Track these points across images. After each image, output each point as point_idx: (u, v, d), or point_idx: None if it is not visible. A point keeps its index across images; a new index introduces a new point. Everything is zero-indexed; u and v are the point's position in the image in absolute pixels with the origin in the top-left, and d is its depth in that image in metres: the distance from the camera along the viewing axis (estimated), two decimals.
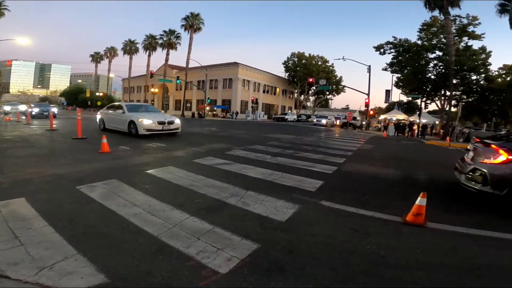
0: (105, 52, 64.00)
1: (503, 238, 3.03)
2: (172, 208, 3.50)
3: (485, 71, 29.55)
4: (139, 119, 10.40)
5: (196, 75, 47.43)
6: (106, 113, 12.59)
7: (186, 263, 2.30)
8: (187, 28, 42.40)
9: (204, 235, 2.80)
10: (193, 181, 4.79)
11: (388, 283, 2.11)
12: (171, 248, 2.54)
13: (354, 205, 3.94)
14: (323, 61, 52.15)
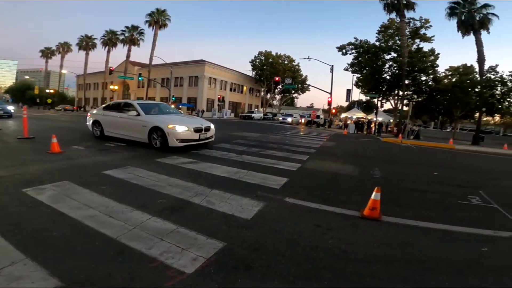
0: (58, 48, 59.13)
1: (448, 230, 3.38)
2: (132, 209, 3.39)
3: (433, 72, 32.44)
4: (169, 125, 7.49)
5: (160, 72, 46.16)
6: (105, 115, 9.30)
7: (149, 264, 2.26)
8: (151, 24, 41.21)
9: (168, 236, 2.76)
10: (155, 181, 4.66)
11: (349, 277, 2.25)
12: (132, 250, 2.47)
13: (316, 201, 4.14)
14: (289, 60, 53.45)
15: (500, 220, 3.88)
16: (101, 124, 9.34)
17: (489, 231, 3.39)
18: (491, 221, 3.82)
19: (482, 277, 2.33)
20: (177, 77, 45.77)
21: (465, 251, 2.83)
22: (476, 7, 25.14)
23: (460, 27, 26.00)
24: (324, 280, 2.18)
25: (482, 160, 12.12)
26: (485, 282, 2.24)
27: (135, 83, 48.82)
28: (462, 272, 2.39)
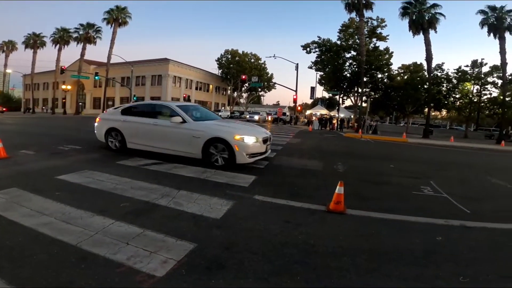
0: (1, 46, 53.21)
1: (406, 221, 3.66)
2: (93, 214, 3.22)
3: (388, 70, 34.88)
4: (235, 136, 5.94)
5: (120, 71, 44.22)
6: (127, 121, 7.13)
7: (116, 270, 2.19)
8: (110, 21, 39.13)
9: (134, 240, 2.67)
10: (116, 184, 4.44)
11: (320, 271, 2.34)
12: (96, 256, 2.37)
13: (284, 197, 4.26)
14: (255, 59, 53.94)
15: (450, 209, 4.27)
16: (121, 133, 7.17)
17: (441, 220, 3.71)
18: (442, 210, 4.21)
19: (439, 266, 2.52)
20: (138, 76, 44.26)
21: (422, 240, 3.07)
22: (426, 6, 27.37)
23: (411, 27, 28.15)
24: (297, 275, 2.26)
25: (431, 152, 13.32)
26: (442, 271, 2.42)
27: (91, 83, 46.27)
28: (421, 262, 2.58)
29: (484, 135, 35.50)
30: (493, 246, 3.01)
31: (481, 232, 3.40)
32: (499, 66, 28.80)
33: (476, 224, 3.62)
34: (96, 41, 42.26)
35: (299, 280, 2.19)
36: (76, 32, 42.50)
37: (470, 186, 6.19)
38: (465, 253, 2.79)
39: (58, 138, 10.00)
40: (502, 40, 26.41)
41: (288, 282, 2.16)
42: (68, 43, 44.07)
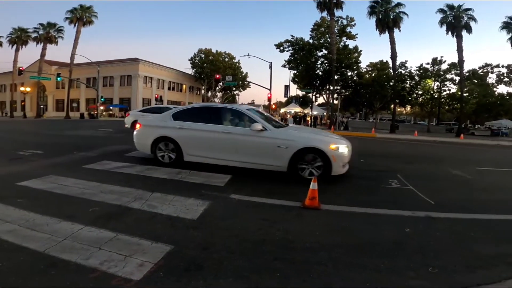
0: None
1: (376, 214, 3.84)
2: (59, 220, 3.07)
3: (357, 68, 36.32)
4: (331, 145, 5.34)
5: (86, 71, 42.44)
6: (184, 128, 5.98)
7: (89, 275, 2.13)
8: (73, 21, 37.22)
9: (107, 244, 2.59)
10: (84, 189, 4.25)
11: (299, 266, 2.40)
12: (66, 262, 2.29)
13: (261, 195, 4.31)
14: (230, 58, 53.83)
15: (416, 201, 4.53)
16: (176, 143, 5.99)
17: (408, 212, 3.93)
18: (409, 202, 4.46)
19: (409, 257, 2.66)
20: (106, 77, 42.90)
21: (392, 232, 3.23)
22: (391, 6, 28.84)
23: (378, 25, 29.53)
24: (277, 271, 2.30)
25: (397, 146, 14.11)
26: (413, 262, 2.55)
27: (52, 84, 43.68)
28: (393, 253, 2.71)
29: (445, 129, 38.26)
30: (456, 236, 3.21)
31: (445, 223, 3.62)
32: (457, 64, 31.03)
33: (440, 215, 3.86)
34: (58, 41, 40.25)
35: (279, 276, 2.24)
36: (35, 32, 40.07)
37: (433, 178, 6.63)
38: (432, 244, 2.96)
39: (18, 143, 9.34)
40: (459, 38, 28.47)
41: (269, 279, 2.20)
42: (26, 43, 41.46)
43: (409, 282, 2.22)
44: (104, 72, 40.88)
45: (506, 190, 5.80)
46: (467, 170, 7.58)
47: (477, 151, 14.02)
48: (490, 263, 2.55)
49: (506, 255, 2.73)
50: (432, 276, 2.31)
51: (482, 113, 38.14)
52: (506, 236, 3.28)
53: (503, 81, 35.50)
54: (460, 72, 30.93)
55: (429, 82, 35.51)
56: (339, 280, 2.22)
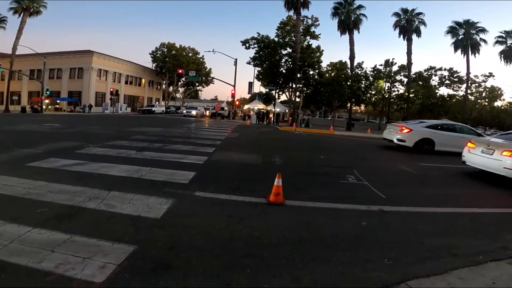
0: None
1: (336, 208, 4.06)
2: (3, 223, 2.79)
3: (319, 67, 37.73)
4: None
5: (30, 63, 38.89)
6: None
7: (44, 279, 2.00)
8: (18, 11, 33.47)
9: (60, 246, 2.42)
10: (30, 188, 3.87)
11: (268, 262, 2.46)
12: (16, 265, 2.12)
13: (226, 192, 4.33)
14: (194, 53, 52.90)
15: (370, 195, 4.88)
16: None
17: (364, 206, 4.22)
18: (364, 196, 4.79)
19: (367, 250, 2.85)
20: (53, 69, 39.51)
21: (351, 226, 3.45)
22: (353, 7, 30.43)
23: (340, 26, 30.96)
24: (247, 267, 2.34)
25: (353, 143, 15.01)
26: (371, 254, 2.75)
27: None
28: (353, 246, 2.90)
29: None
30: (406, 228, 3.52)
31: (396, 216, 3.97)
32: (406, 66, 33.84)
33: (391, 208, 4.20)
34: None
35: (249, 272, 2.28)
36: None
37: (384, 173, 7.21)
38: (386, 236, 3.21)
39: None
40: (409, 42, 31.05)
41: (239, 276, 2.23)
42: None
43: (369, 273, 2.39)
44: (52, 64, 37.67)
45: (445, 185, 6.50)
46: (412, 166, 8.37)
47: None
48: (437, 255, 2.82)
49: (450, 246, 3.03)
50: (388, 268, 2.50)
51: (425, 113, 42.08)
52: (448, 228, 3.66)
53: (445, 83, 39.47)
54: (408, 74, 33.84)
55: (381, 82, 38.20)
56: (307, 273, 2.33)
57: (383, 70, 38.42)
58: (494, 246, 3.12)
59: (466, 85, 34.65)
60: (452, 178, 7.23)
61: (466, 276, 2.41)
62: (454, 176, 7.39)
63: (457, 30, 31.49)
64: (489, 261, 2.71)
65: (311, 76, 37.39)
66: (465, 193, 5.83)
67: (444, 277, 2.39)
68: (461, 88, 37.48)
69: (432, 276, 2.39)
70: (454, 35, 31.64)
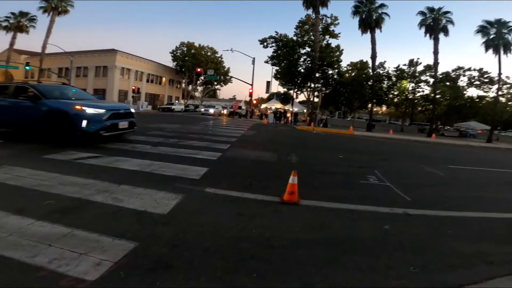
0: None
1: (355, 210, 3.76)
2: (7, 214, 2.71)
3: (338, 67, 36.95)
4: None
5: (58, 61, 40.70)
6: None
7: (34, 274, 1.87)
8: (48, 10, 35.22)
9: (59, 241, 2.30)
10: (41, 180, 3.83)
11: (277, 266, 2.24)
12: (8, 259, 2.02)
13: (238, 189, 4.12)
14: (212, 52, 53.21)
15: (393, 197, 4.55)
16: None
17: (386, 208, 3.90)
18: (387, 198, 4.46)
19: (390, 255, 2.57)
20: (80, 67, 41.14)
21: (372, 229, 3.16)
22: (375, 6, 29.54)
23: (361, 25, 30.14)
24: (253, 271, 2.13)
25: (374, 144, 14.43)
26: (393, 261, 2.47)
27: (21, 73, 41.37)
28: (373, 251, 2.62)
29: (417, 129, 39.92)
30: (434, 233, 3.20)
31: (422, 220, 3.63)
32: (432, 66, 32.35)
33: (417, 212, 3.87)
34: (29, 30, 38.22)
35: (256, 277, 2.07)
36: (6, 20, 37.57)
37: (408, 174, 6.76)
38: (411, 241, 2.91)
39: None
40: (436, 41, 29.68)
41: (244, 280, 2.02)
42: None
43: (391, 282, 2.12)
44: (78, 63, 39.41)
45: (476, 188, 5.99)
46: (439, 167, 7.83)
47: (448, 151, 14.66)
48: (470, 262, 2.52)
49: (485, 254, 2.72)
50: (414, 276, 2.23)
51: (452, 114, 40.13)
52: (482, 234, 3.31)
53: (474, 84, 37.47)
54: (434, 74, 32.33)
55: (405, 83, 36.81)
56: (320, 280, 2.08)
57: (406, 70, 37.01)
58: None
59: (497, 86, 32.57)
60: (482, 180, 6.65)
61: (505, 285, 2.10)
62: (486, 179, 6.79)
63: (488, 30, 29.62)
64: None
65: (330, 75, 36.67)
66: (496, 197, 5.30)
67: (480, 285, 2.10)
68: (492, 89, 35.41)
69: (465, 286, 2.10)
70: (484, 34, 29.78)
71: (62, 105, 6.72)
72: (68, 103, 6.80)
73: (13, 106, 7.01)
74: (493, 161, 11.67)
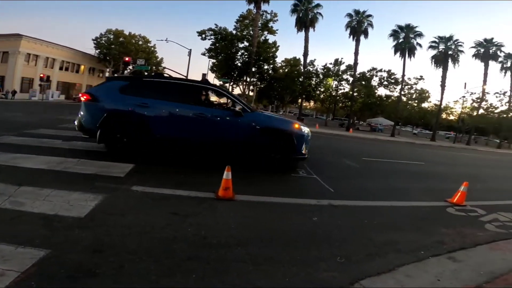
0: None
1: (288, 203, 3.94)
2: None
3: (273, 62, 38.64)
4: None
5: None
6: None
7: None
8: None
9: None
10: None
11: (215, 264, 2.23)
12: None
13: (169, 186, 3.94)
14: (144, 41, 51.26)
15: (319, 189, 4.90)
16: None
17: (314, 200, 4.20)
18: (314, 190, 4.81)
19: (319, 248, 2.71)
20: None
21: (303, 222, 3.37)
22: (312, 5, 31.50)
23: (297, 23, 31.94)
24: (191, 272, 2.08)
25: None
26: (322, 253, 2.62)
27: None
28: (305, 244, 2.78)
29: (338, 124, 44.51)
30: (354, 224, 3.55)
31: (344, 210, 4.01)
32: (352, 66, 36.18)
33: (340, 203, 4.24)
34: None
35: (194, 278, 2.03)
36: None
37: (331, 167, 7.43)
38: (336, 233, 3.18)
39: None
40: (357, 43, 33.28)
41: (183, 281, 1.96)
42: None
43: (323, 274, 2.29)
44: None
45: (386, 179, 6.94)
46: (356, 160, 8.85)
47: (362, 144, 16.77)
48: (384, 251, 2.85)
49: (394, 242, 3.10)
50: (341, 267, 2.43)
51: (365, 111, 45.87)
52: (391, 223, 3.78)
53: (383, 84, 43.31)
54: (353, 73, 36.30)
55: (330, 81, 40.43)
56: (260, 277, 2.14)
57: (332, 69, 40.63)
58: (432, 240, 3.26)
59: (400, 87, 38.44)
60: (390, 172, 7.78)
61: (413, 273, 2.44)
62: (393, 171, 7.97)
63: (399, 34, 34.52)
64: (430, 257, 2.81)
65: (265, 70, 38.16)
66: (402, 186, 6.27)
67: (393, 274, 2.39)
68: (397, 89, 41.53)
69: (382, 274, 2.37)
70: (395, 38, 34.63)
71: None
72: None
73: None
74: (397, 154, 13.76)
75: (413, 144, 25.10)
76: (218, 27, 35.67)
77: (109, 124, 5.09)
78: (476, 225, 4.03)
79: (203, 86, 6.18)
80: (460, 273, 2.53)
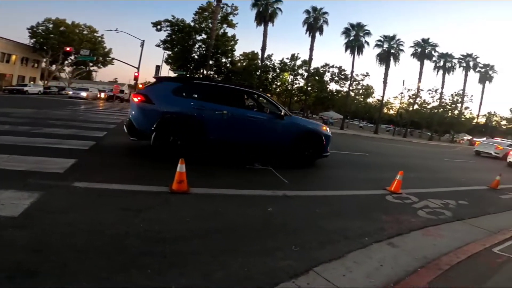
0: None
1: (245, 195, 3.99)
2: None
3: (232, 56, 38.37)
4: None
5: None
6: None
7: None
8: None
9: None
10: None
11: (172, 258, 2.18)
12: None
13: (119, 181, 3.75)
14: (90, 31, 47.16)
15: (274, 180, 5.00)
16: None
17: (270, 191, 4.30)
18: (269, 182, 4.89)
19: (275, 237, 2.82)
20: None
21: (259, 213, 3.43)
22: (272, 1, 31.67)
23: (257, 18, 32.13)
24: (146, 267, 2.01)
25: None
26: (279, 242, 2.70)
27: None
28: (262, 234, 2.86)
29: None
30: (307, 213, 3.69)
31: (298, 200, 4.17)
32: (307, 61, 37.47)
33: (293, 193, 4.39)
34: None
35: (150, 272, 1.97)
36: None
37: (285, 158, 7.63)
38: (290, 222, 3.29)
39: None
40: (313, 39, 34.50)
41: (138, 277, 1.90)
42: None
43: (280, 263, 2.37)
44: None
45: (336, 169, 7.31)
46: None
47: None
48: (334, 238, 3.02)
49: (343, 229, 3.29)
50: (296, 255, 2.54)
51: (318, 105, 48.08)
52: (340, 211, 4.02)
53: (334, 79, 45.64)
54: (308, 68, 37.66)
55: (286, 75, 41.43)
56: (218, 268, 2.15)
57: (289, 64, 41.59)
58: (374, 227, 3.51)
59: (349, 83, 40.93)
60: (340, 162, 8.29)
61: (359, 260, 2.62)
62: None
63: (350, 32, 36.55)
64: (373, 243, 3.04)
65: (223, 64, 37.84)
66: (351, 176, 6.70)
67: (343, 261, 2.55)
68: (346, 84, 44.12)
69: (333, 261, 2.51)
70: (347, 36, 36.63)
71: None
72: None
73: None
74: (346, 146, 14.64)
75: (359, 136, 27.01)
76: (175, 19, 34.71)
77: (166, 126, 5.07)
78: (410, 211, 4.38)
79: (252, 91, 7.06)
80: (399, 258, 2.75)
